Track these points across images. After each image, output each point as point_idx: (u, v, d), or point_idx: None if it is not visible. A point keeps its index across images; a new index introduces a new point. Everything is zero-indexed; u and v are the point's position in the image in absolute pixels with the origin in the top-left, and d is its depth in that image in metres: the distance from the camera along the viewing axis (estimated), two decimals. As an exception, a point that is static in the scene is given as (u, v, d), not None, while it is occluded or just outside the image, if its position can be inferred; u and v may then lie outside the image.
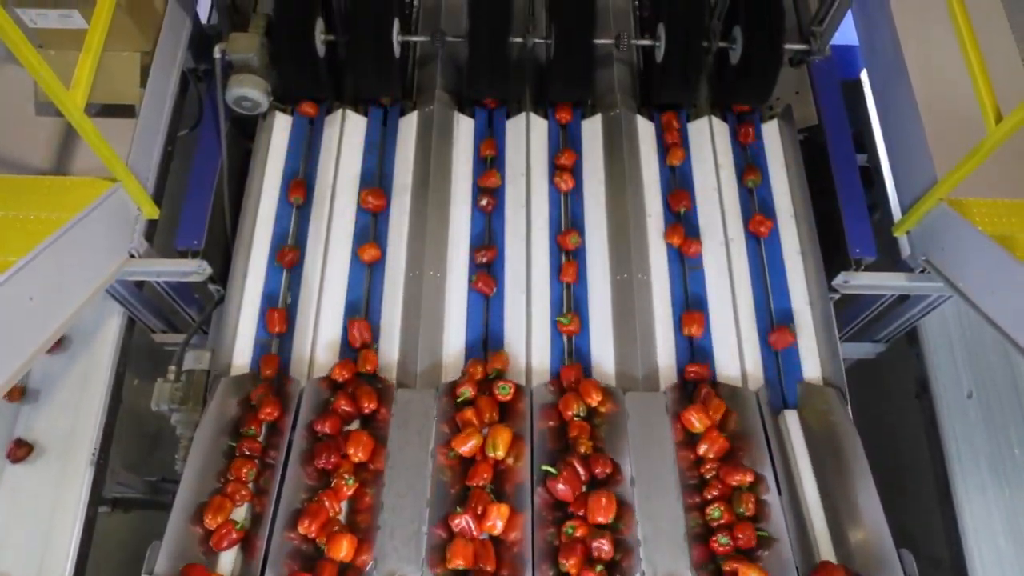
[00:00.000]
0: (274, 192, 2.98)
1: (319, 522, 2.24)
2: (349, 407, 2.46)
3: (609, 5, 3.40)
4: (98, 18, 2.32)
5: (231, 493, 2.32)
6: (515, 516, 2.25)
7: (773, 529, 2.27)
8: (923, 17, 2.91)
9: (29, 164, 2.67)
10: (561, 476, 2.31)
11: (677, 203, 2.93)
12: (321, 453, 2.37)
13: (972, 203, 2.56)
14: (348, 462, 2.37)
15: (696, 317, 2.70)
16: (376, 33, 2.91)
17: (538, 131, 3.13)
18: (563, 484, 2.30)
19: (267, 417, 2.48)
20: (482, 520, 2.23)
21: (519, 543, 2.21)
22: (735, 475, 2.35)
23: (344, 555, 2.19)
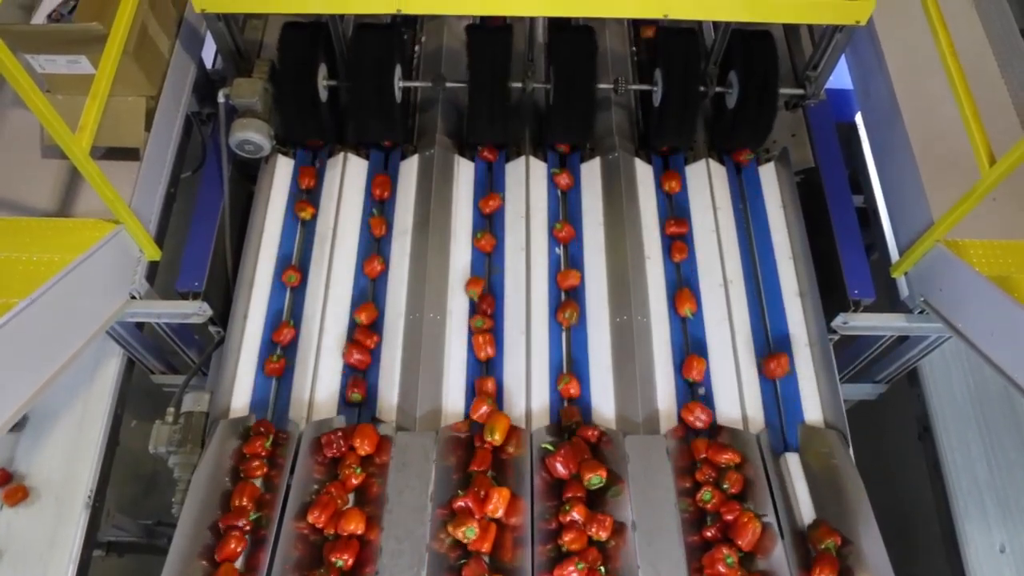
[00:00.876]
0: (275, 235, 3.00)
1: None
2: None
3: (607, 50, 3.46)
4: (105, 64, 2.36)
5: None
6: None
7: (776, 573, 2.24)
8: (915, 62, 2.96)
9: (34, 206, 2.69)
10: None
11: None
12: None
13: (969, 244, 2.58)
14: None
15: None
16: (378, 79, 2.96)
17: (537, 175, 3.16)
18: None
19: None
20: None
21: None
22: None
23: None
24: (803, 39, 3.43)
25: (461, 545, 2.28)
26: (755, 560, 2.30)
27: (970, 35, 3.14)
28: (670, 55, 3.03)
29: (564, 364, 2.75)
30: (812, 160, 3.23)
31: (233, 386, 2.68)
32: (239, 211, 3.11)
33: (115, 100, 2.53)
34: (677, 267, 2.96)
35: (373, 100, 2.99)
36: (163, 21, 2.92)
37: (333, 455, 2.46)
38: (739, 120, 3.06)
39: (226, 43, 3.00)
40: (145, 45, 2.78)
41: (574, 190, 3.13)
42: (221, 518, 2.34)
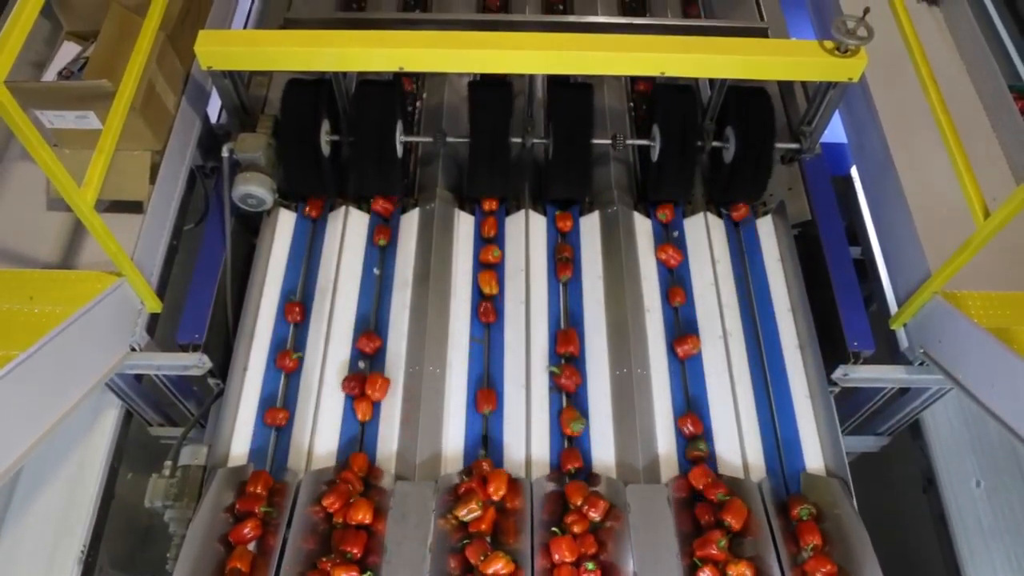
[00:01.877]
0: (276, 287, 3.01)
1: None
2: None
3: (605, 106, 3.52)
4: (113, 120, 2.41)
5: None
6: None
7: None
8: (908, 116, 3.01)
9: (37, 258, 2.72)
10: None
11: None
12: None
13: (967, 296, 2.59)
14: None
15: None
16: (380, 134, 3.01)
17: (537, 228, 3.19)
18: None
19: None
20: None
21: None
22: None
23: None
24: (797, 95, 3.50)
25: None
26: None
27: (960, 90, 3.20)
28: (668, 111, 3.08)
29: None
30: (809, 213, 3.26)
31: (232, 438, 2.66)
32: (240, 264, 3.13)
33: (121, 154, 2.56)
34: (677, 318, 2.96)
35: (374, 156, 3.03)
36: (170, 78, 2.98)
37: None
38: (736, 174, 3.10)
39: (231, 99, 3.06)
40: (152, 101, 2.84)
41: (573, 240, 3.15)
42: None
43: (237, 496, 2.48)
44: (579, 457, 2.59)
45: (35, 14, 2.02)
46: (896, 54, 2.88)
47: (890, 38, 2.87)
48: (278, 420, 2.70)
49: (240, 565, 2.30)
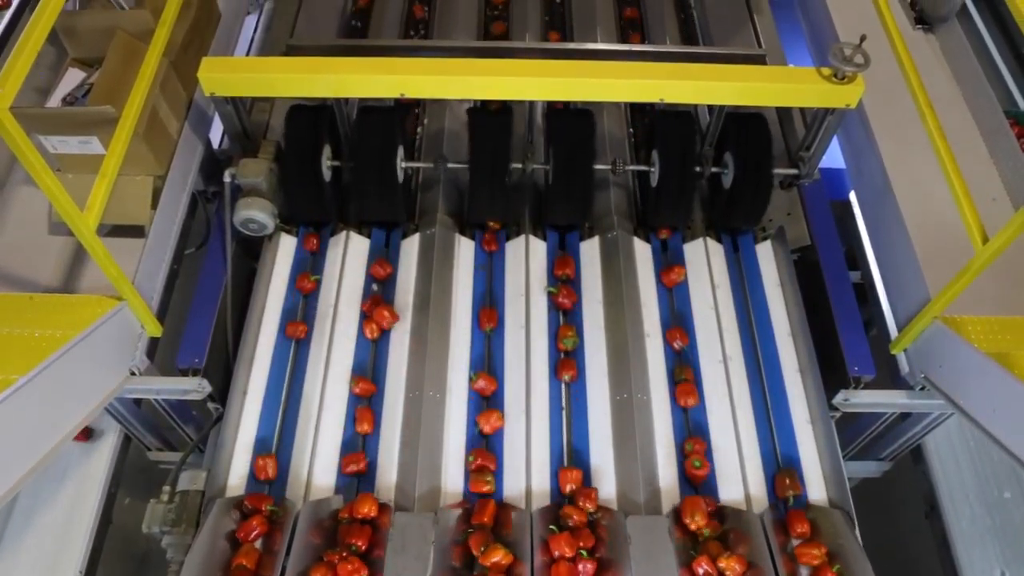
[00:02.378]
0: (276, 311, 3.01)
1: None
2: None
3: (605, 132, 3.54)
4: (116, 145, 2.42)
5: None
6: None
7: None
8: (905, 142, 3.03)
9: (39, 282, 2.72)
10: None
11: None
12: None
13: (967, 320, 2.59)
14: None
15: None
16: (381, 160, 3.02)
17: (537, 253, 3.20)
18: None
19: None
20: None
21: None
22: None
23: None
24: (796, 120, 3.53)
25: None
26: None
27: (957, 116, 3.23)
28: (666, 137, 3.10)
29: (564, 443, 2.73)
30: (808, 238, 3.27)
31: (231, 463, 2.65)
32: (241, 288, 3.13)
33: (123, 179, 2.57)
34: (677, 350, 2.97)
35: (375, 181, 3.05)
36: (173, 103, 3.00)
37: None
38: (735, 199, 3.11)
39: (233, 125, 3.08)
40: (155, 126, 2.86)
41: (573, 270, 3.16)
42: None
43: (236, 522, 2.46)
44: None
45: (41, 42, 2.05)
46: (893, 80, 2.91)
47: (887, 64, 2.90)
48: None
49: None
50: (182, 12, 2.94)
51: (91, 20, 2.96)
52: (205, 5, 3.35)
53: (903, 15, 3.63)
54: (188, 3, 3.09)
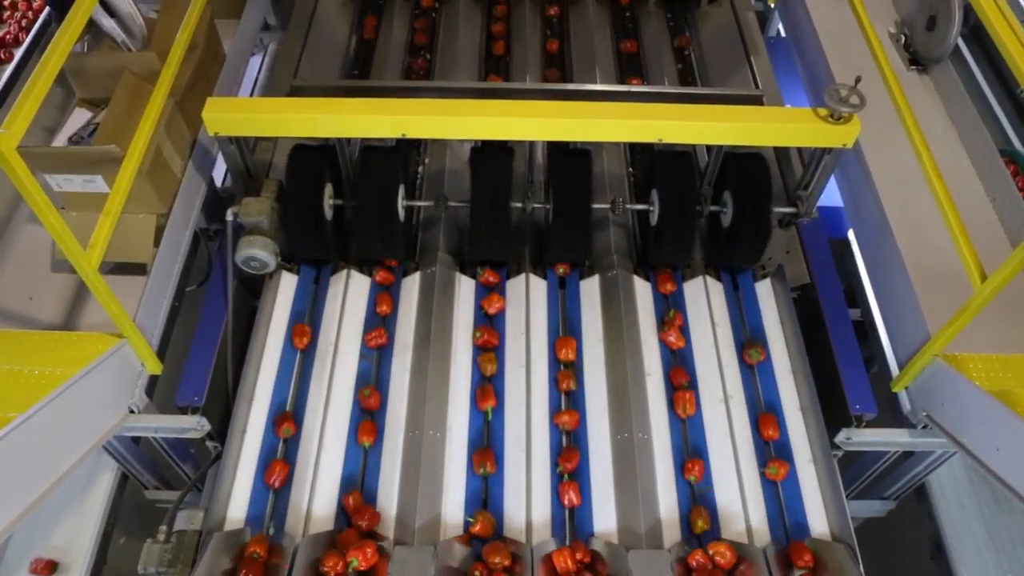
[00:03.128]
0: (277, 349, 3.01)
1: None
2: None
3: (604, 171, 3.58)
4: (120, 184, 2.45)
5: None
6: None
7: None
8: (902, 180, 3.06)
9: (40, 319, 2.73)
10: None
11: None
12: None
13: (967, 358, 2.59)
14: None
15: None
16: (382, 199, 3.05)
17: (537, 292, 3.20)
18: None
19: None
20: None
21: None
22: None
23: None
24: (793, 159, 3.56)
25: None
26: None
27: (953, 155, 3.26)
28: (666, 176, 3.13)
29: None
30: (808, 276, 3.28)
31: (229, 502, 2.62)
32: (242, 326, 3.14)
33: (126, 217, 2.59)
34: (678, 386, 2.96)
35: (377, 220, 3.07)
36: (177, 143, 3.04)
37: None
38: (734, 238, 3.13)
39: (237, 164, 3.12)
40: (159, 165, 2.89)
41: (573, 308, 3.16)
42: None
43: (232, 562, 2.44)
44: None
45: (50, 83, 2.08)
46: (888, 120, 2.95)
47: (882, 104, 2.94)
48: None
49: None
50: (188, 53, 2.99)
51: (99, 62, 3.01)
52: (211, 47, 3.41)
53: (897, 56, 3.69)
54: (194, 45, 3.14)
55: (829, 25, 3.84)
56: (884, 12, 3.93)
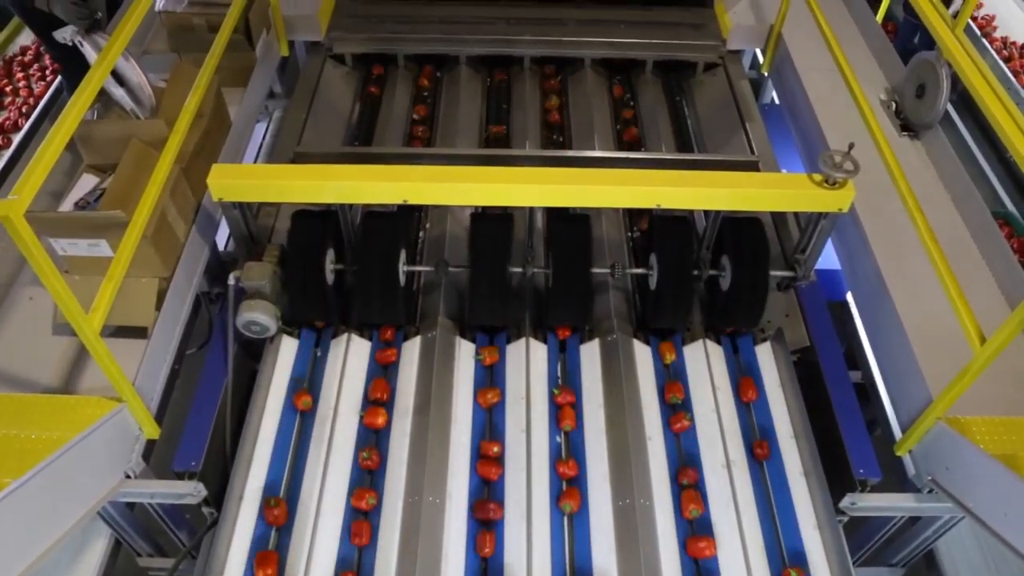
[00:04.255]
0: (276, 413, 3.00)
1: None
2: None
3: (604, 236, 3.61)
4: (124, 249, 2.47)
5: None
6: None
7: None
8: (899, 243, 3.09)
9: (39, 382, 2.72)
10: None
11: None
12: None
13: (970, 421, 2.57)
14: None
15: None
16: (383, 264, 3.08)
17: (537, 356, 3.20)
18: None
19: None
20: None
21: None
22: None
23: None
24: (790, 223, 3.60)
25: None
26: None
27: (947, 218, 3.30)
28: (664, 241, 3.17)
29: (566, 549, 2.66)
30: (807, 339, 3.28)
31: (224, 568, 2.57)
32: (242, 390, 3.13)
33: (129, 281, 2.61)
34: (679, 447, 2.93)
35: (378, 285, 3.09)
36: (182, 208, 3.08)
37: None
38: (733, 301, 3.15)
39: (240, 229, 3.15)
40: (163, 230, 2.92)
41: (574, 372, 3.15)
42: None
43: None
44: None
45: (60, 151, 2.13)
46: (882, 184, 3.00)
47: (875, 169, 3.00)
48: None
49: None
50: (195, 121, 3.06)
51: (107, 129, 3.08)
52: (217, 114, 3.49)
53: (888, 123, 3.78)
54: (201, 113, 3.21)
55: (821, 93, 3.94)
56: (874, 80, 4.04)
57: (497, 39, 4.56)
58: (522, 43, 4.56)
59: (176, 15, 3.78)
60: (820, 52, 3.83)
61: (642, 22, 4.68)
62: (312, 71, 4.43)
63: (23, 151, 3.67)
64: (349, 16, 4.64)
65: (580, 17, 4.70)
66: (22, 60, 4.96)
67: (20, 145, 3.89)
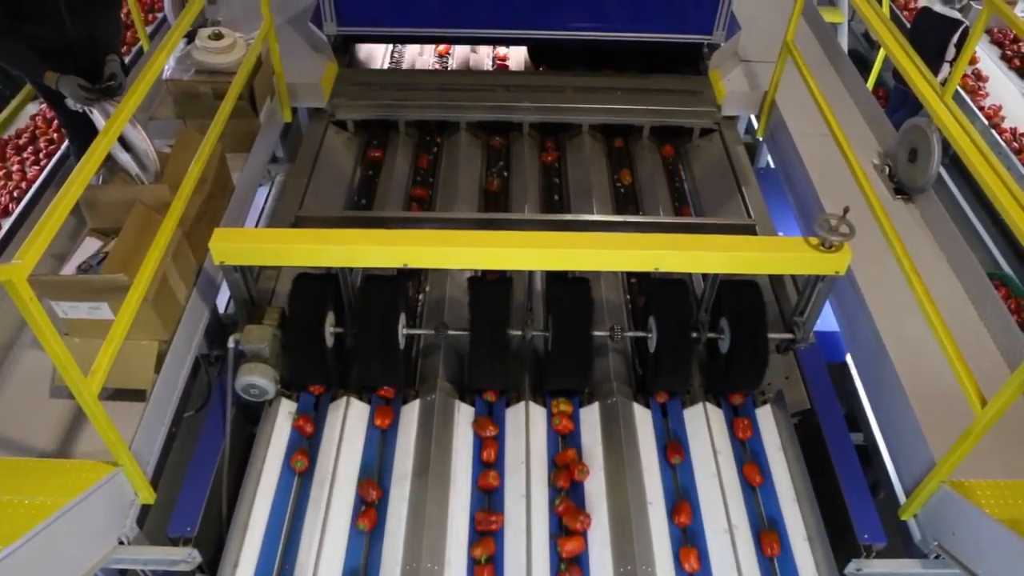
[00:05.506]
0: (273, 477, 2.96)
1: None
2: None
3: (603, 299, 3.63)
4: (125, 312, 2.48)
5: None
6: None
7: None
8: (897, 305, 3.10)
9: (34, 445, 2.70)
10: None
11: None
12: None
13: (975, 485, 2.55)
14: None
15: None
16: (383, 327, 3.08)
17: (537, 420, 3.18)
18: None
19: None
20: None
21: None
22: None
23: None
24: (788, 286, 3.62)
25: None
26: None
27: (944, 280, 3.33)
28: (663, 304, 3.18)
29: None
30: (808, 401, 3.27)
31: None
32: (239, 452, 3.10)
33: (129, 343, 2.61)
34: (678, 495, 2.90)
35: (377, 348, 3.09)
36: (183, 271, 3.10)
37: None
38: (732, 364, 3.14)
39: (241, 292, 3.17)
40: (164, 293, 2.94)
41: (574, 436, 3.13)
42: None
43: None
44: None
45: (64, 216, 2.16)
46: (878, 247, 3.03)
47: (871, 232, 3.03)
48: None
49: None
50: (198, 186, 3.10)
51: (112, 194, 3.13)
52: (220, 179, 3.54)
53: (882, 186, 3.83)
54: (204, 178, 3.26)
55: (815, 157, 4.00)
56: (867, 145, 4.11)
57: (497, 105, 4.66)
58: (521, 109, 4.65)
59: (183, 83, 3.87)
60: (813, 117, 3.92)
61: (639, 89, 4.79)
62: (314, 136, 4.52)
63: (12, 236, 3.69)
64: (351, 83, 4.75)
65: (578, 84, 4.82)
66: (16, 143, 5.01)
67: (9, 231, 3.91)
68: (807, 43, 5.01)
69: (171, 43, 3.02)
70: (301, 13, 5.10)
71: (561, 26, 4.75)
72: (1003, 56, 6.83)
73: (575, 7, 4.66)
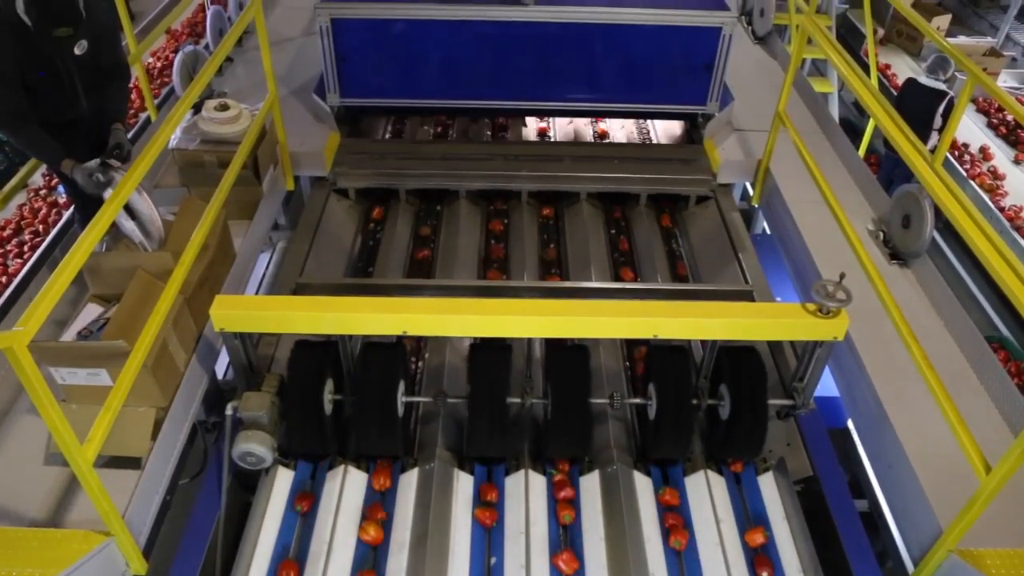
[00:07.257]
0: (269, 547, 2.91)
1: None
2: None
3: (602, 366, 3.62)
4: (124, 378, 2.48)
5: None
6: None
7: None
8: (896, 369, 3.11)
9: (26, 514, 2.66)
10: None
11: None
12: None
13: (984, 554, 2.51)
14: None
15: None
16: (382, 395, 3.07)
17: (537, 489, 3.14)
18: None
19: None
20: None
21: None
22: None
23: None
24: (787, 351, 3.62)
25: None
26: None
27: (942, 345, 3.33)
28: (662, 371, 3.17)
29: None
30: (810, 468, 3.23)
31: None
32: (234, 521, 3.04)
33: (126, 410, 2.60)
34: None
35: (376, 416, 3.07)
36: (183, 337, 3.11)
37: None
38: (733, 431, 3.12)
39: (240, 359, 3.16)
40: (163, 360, 2.94)
41: (574, 503, 3.09)
42: None
43: None
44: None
45: (67, 284, 2.18)
46: (876, 312, 3.04)
47: (868, 297, 3.05)
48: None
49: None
50: (201, 253, 3.13)
51: (115, 261, 3.15)
52: (222, 246, 3.57)
53: (878, 252, 3.87)
54: (207, 245, 3.30)
55: (810, 224, 4.06)
56: (861, 211, 4.17)
57: (496, 174, 4.74)
58: (520, 178, 4.73)
59: (188, 152, 3.94)
60: (807, 184, 3.98)
61: (635, 158, 4.89)
62: (316, 204, 4.58)
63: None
64: (353, 152, 4.84)
65: (576, 154, 4.92)
66: (0, 235, 4.98)
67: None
68: (799, 112, 5.14)
69: (178, 115, 3.09)
70: (305, 84, 5.24)
71: (561, 97, 4.87)
72: (989, 124, 7.00)
73: (575, 79, 4.79)
